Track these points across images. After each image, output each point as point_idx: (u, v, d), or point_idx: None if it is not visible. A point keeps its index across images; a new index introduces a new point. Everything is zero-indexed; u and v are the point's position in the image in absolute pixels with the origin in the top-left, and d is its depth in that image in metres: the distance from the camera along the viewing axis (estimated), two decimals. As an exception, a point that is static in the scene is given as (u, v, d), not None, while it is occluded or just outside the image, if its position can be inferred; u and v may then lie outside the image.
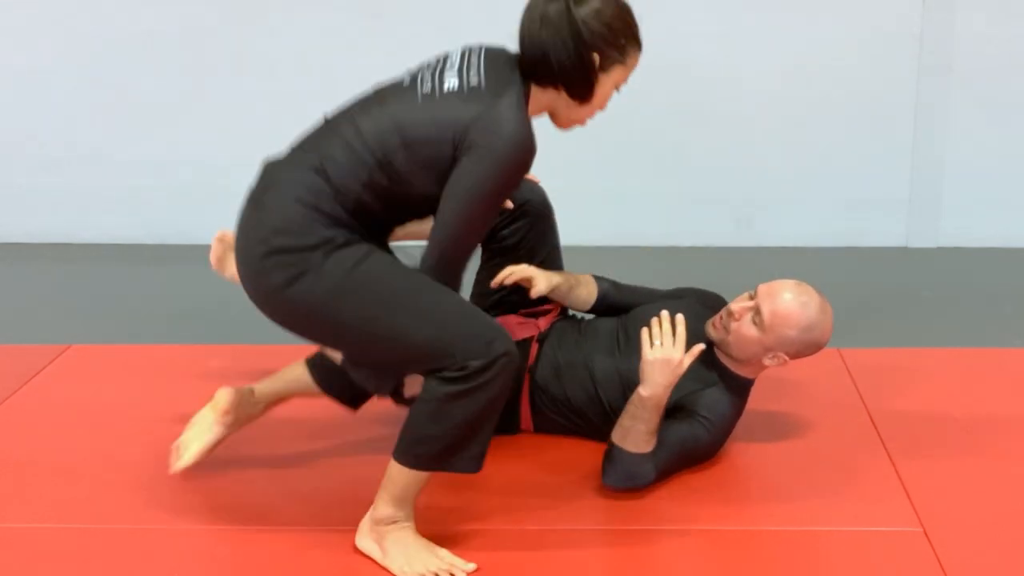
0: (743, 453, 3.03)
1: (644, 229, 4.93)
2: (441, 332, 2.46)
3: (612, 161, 4.78)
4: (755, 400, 3.05)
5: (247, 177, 2.66)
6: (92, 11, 4.79)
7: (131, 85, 4.85)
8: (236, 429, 2.90)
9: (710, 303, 3.15)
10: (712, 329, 2.96)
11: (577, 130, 2.73)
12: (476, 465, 2.56)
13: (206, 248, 3.31)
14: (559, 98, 2.58)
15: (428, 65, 2.62)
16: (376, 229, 2.60)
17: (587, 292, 3.19)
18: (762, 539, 2.70)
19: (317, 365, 2.92)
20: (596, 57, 2.52)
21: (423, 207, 2.55)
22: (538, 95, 2.58)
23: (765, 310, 2.86)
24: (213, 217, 4.82)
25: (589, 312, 3.22)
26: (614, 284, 3.23)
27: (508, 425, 3.07)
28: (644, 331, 2.75)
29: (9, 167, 4.97)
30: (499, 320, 2.78)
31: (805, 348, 2.91)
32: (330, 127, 2.59)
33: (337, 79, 4.74)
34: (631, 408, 2.78)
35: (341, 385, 2.88)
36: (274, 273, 2.50)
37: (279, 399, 2.98)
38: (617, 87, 2.62)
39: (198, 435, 2.86)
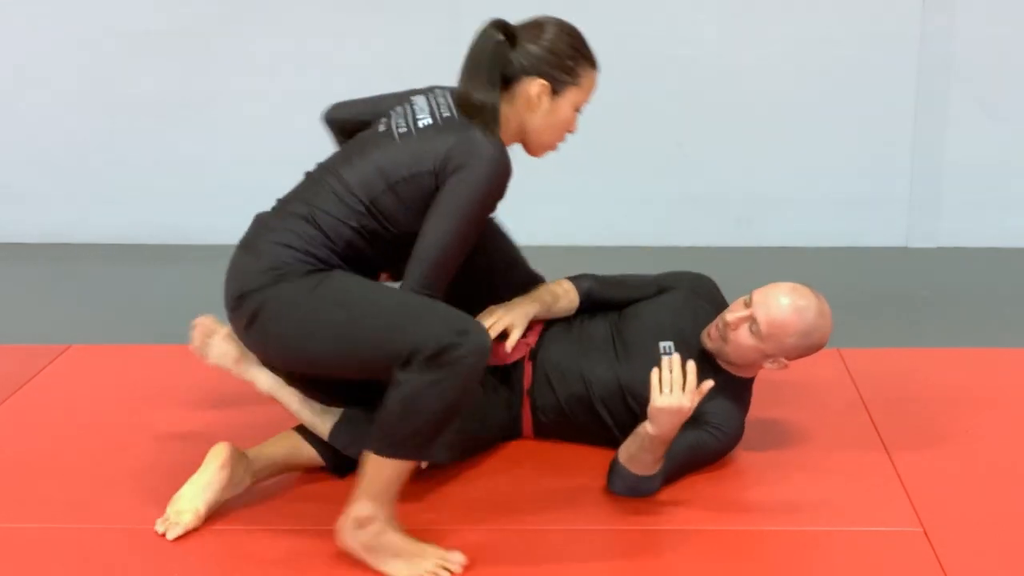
0: (743, 453, 3.02)
1: (643, 229, 4.93)
2: (401, 320, 2.49)
3: (611, 161, 4.77)
4: (755, 401, 3.04)
5: (247, 176, 2.67)
6: (92, 10, 4.79)
7: (131, 85, 4.85)
8: (228, 495, 2.74)
9: (704, 293, 3.10)
10: (708, 340, 2.90)
11: (577, 130, 2.74)
12: (449, 454, 2.56)
13: (206, 248, 3.31)
14: (525, 122, 2.65)
15: (400, 111, 2.71)
16: (366, 270, 2.67)
17: (568, 301, 3.07)
18: (762, 539, 2.70)
19: (305, 429, 2.89)
20: (547, 84, 2.61)
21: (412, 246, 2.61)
22: (507, 119, 2.65)
23: (762, 319, 2.81)
24: (213, 217, 4.85)
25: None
26: (596, 280, 3.11)
27: (511, 434, 3.07)
28: (654, 373, 2.62)
29: (9, 167, 4.97)
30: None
31: (806, 351, 2.90)
32: (315, 181, 2.70)
33: (337, 78, 4.77)
34: (638, 439, 2.71)
35: (330, 450, 2.86)
36: (244, 309, 2.60)
37: (268, 467, 2.84)
38: (577, 108, 2.70)
39: (191, 500, 2.70)
